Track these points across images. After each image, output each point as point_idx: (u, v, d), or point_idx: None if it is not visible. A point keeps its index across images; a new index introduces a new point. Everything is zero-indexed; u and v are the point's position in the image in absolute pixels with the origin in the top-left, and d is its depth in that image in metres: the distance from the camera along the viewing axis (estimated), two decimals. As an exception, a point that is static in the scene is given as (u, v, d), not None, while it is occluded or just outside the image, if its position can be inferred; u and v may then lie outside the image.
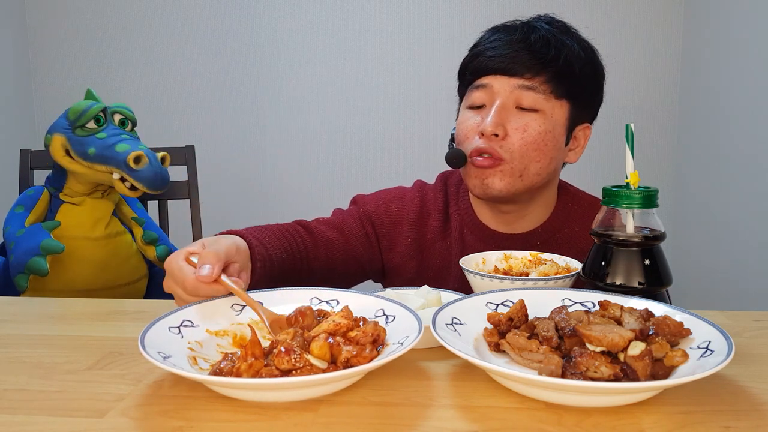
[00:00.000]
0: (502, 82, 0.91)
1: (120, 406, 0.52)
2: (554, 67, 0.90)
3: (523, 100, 0.90)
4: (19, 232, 1.07)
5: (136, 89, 2.47)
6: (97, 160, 1.06)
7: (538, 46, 0.90)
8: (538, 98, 0.90)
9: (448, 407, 0.52)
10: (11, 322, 0.77)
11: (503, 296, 0.67)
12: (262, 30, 2.43)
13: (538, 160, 0.92)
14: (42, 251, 1.02)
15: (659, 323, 0.57)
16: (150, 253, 1.17)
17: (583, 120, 0.97)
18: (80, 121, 1.08)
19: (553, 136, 0.92)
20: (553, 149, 0.93)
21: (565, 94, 0.92)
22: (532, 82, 0.90)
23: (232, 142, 2.50)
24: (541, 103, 0.91)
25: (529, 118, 0.91)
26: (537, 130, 0.90)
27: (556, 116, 0.92)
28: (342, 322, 0.58)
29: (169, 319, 0.61)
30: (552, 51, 0.90)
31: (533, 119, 0.91)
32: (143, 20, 2.46)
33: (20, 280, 1.03)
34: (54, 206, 1.13)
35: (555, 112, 0.92)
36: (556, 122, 0.92)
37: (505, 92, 0.91)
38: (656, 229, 0.67)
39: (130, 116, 1.15)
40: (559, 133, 0.93)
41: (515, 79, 0.91)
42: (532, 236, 1.00)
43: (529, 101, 0.90)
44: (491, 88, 0.92)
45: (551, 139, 0.92)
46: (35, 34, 2.52)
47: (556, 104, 0.92)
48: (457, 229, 1.02)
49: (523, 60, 0.90)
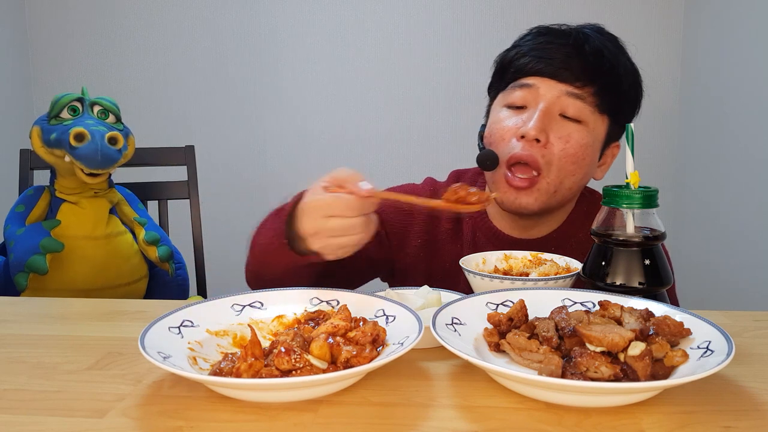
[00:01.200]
0: (549, 86, 0.87)
1: (120, 406, 0.52)
2: (605, 80, 0.87)
3: (569, 109, 0.87)
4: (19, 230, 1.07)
5: (136, 89, 2.47)
6: (54, 144, 1.04)
7: (592, 55, 0.86)
8: (584, 109, 0.87)
9: (448, 407, 0.52)
10: (11, 322, 0.77)
11: (503, 296, 0.67)
12: (262, 30, 2.43)
13: (574, 173, 0.88)
14: (42, 250, 1.02)
15: (659, 323, 0.57)
16: (152, 253, 1.17)
17: (616, 138, 0.95)
18: (53, 111, 1.08)
19: (592, 150, 0.89)
20: (590, 164, 0.90)
21: (608, 110, 0.89)
22: (581, 91, 0.86)
23: (232, 142, 2.50)
24: (586, 115, 0.87)
25: (572, 128, 0.87)
26: (579, 143, 0.86)
27: (598, 131, 0.89)
28: (340, 324, 0.58)
29: (169, 319, 0.61)
30: (606, 63, 0.87)
31: (576, 130, 0.87)
32: (143, 20, 2.46)
33: (20, 278, 1.03)
34: (54, 205, 1.13)
35: (597, 126, 0.89)
36: (596, 137, 0.89)
37: (552, 97, 0.87)
38: (656, 229, 0.67)
39: (110, 107, 1.12)
40: (597, 149, 0.91)
41: (564, 85, 0.86)
42: (546, 241, 0.97)
43: (575, 111, 0.86)
44: (537, 89, 0.88)
45: (590, 153, 0.88)
46: (35, 34, 2.52)
47: (599, 118, 0.89)
48: (470, 232, 0.99)
49: (575, 67, 0.86)
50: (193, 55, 2.46)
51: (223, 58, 2.45)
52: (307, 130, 2.46)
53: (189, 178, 1.50)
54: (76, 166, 1.05)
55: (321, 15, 2.40)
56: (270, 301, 0.69)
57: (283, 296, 0.70)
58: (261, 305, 0.68)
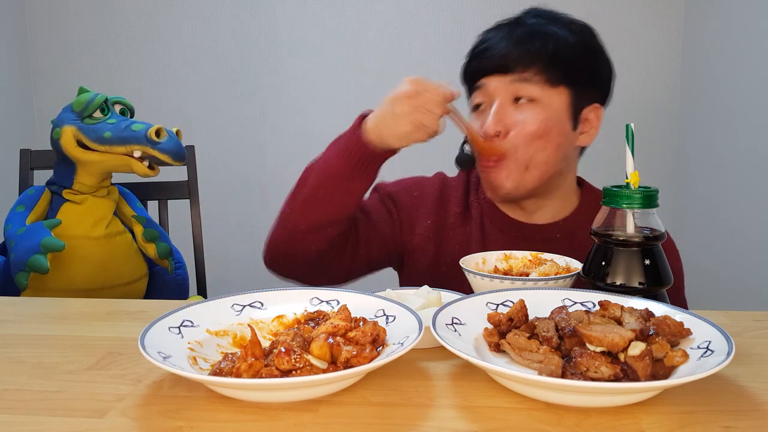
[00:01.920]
0: (497, 81, 0.94)
1: (120, 406, 0.52)
2: (544, 57, 0.92)
3: (520, 92, 0.93)
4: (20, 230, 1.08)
5: (136, 89, 2.47)
6: (115, 142, 1.07)
7: (524, 40, 0.93)
8: (533, 89, 0.92)
9: (448, 407, 0.52)
10: (11, 322, 0.77)
11: (503, 296, 0.67)
12: (262, 30, 2.43)
13: (543, 148, 0.93)
14: (43, 249, 1.02)
15: (659, 323, 0.57)
16: (150, 250, 1.17)
17: (591, 101, 0.97)
18: (87, 111, 1.10)
19: (555, 122, 0.93)
20: (558, 136, 0.94)
21: (560, 81, 0.93)
22: (523, 75, 0.92)
23: (232, 142, 2.50)
24: (538, 93, 0.93)
25: (527, 111, 0.93)
26: (536, 120, 0.92)
27: (555, 103, 0.94)
28: (340, 324, 0.58)
29: (169, 319, 0.61)
30: (538, 42, 0.92)
31: (532, 111, 0.92)
32: (143, 20, 2.46)
33: (21, 277, 1.03)
34: (55, 205, 1.14)
35: (554, 100, 0.93)
36: (556, 109, 0.94)
37: (501, 90, 0.94)
38: (656, 229, 0.67)
39: (129, 106, 1.17)
40: (561, 119, 0.94)
41: (508, 75, 0.93)
42: (552, 228, 1.00)
43: (526, 92, 0.93)
44: (487, 87, 0.96)
45: (554, 125, 0.93)
46: (35, 35, 2.52)
47: (553, 92, 0.93)
48: (478, 218, 1.03)
49: (512, 56, 0.92)
50: (194, 55, 2.46)
51: (223, 58, 2.45)
52: (307, 130, 2.46)
53: (189, 178, 1.50)
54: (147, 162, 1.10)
55: (321, 15, 2.40)
56: (270, 301, 0.68)
57: (283, 296, 0.70)
58: (261, 305, 0.68)
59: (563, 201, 1.02)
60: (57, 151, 1.11)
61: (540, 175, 0.95)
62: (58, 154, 1.12)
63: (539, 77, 0.92)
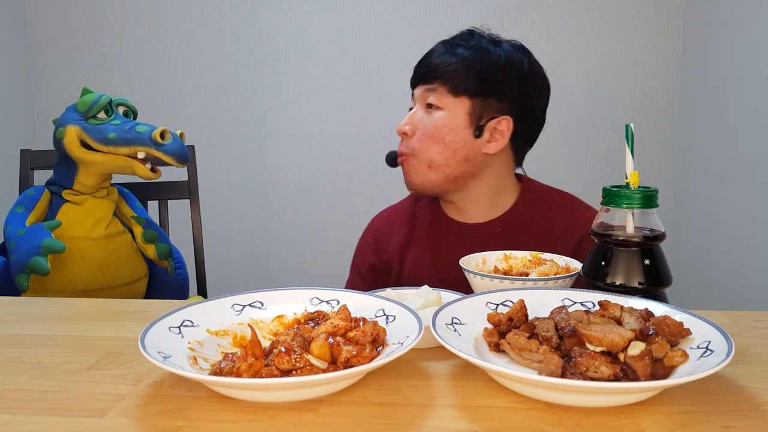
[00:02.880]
0: (419, 89, 1.08)
1: (120, 406, 0.52)
2: (449, 71, 1.04)
3: (429, 100, 1.06)
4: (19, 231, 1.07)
5: (136, 89, 2.48)
6: (119, 143, 1.08)
7: (440, 55, 1.06)
8: (438, 97, 1.05)
9: (448, 407, 0.52)
10: (11, 322, 0.77)
11: (503, 296, 0.67)
12: (262, 30, 2.43)
13: (440, 151, 1.04)
14: (43, 251, 1.02)
15: (659, 323, 0.57)
16: (150, 251, 1.17)
17: (500, 113, 1.05)
18: (92, 111, 1.10)
19: (450, 128, 1.04)
20: (454, 141, 1.04)
21: (461, 92, 1.04)
22: (434, 85, 1.05)
23: (232, 142, 2.50)
24: (442, 101, 1.04)
25: (431, 116, 1.05)
26: (434, 125, 1.04)
27: (456, 111, 1.04)
28: (340, 324, 0.58)
29: (170, 319, 0.61)
30: (448, 58, 1.05)
31: (434, 116, 1.05)
32: (143, 20, 2.46)
33: (21, 279, 1.03)
34: (54, 206, 1.13)
35: (455, 108, 1.04)
36: (455, 116, 1.04)
37: (419, 96, 1.08)
38: (656, 229, 0.67)
39: (132, 108, 1.18)
40: (460, 126, 1.04)
41: (423, 85, 1.07)
42: (492, 224, 1.09)
43: (432, 100, 1.05)
44: (414, 95, 1.10)
45: (449, 131, 1.04)
46: (35, 34, 2.52)
47: (456, 101, 1.04)
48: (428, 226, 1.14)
49: (430, 68, 1.07)
50: (194, 55, 2.47)
51: (223, 58, 2.45)
52: (307, 130, 2.46)
53: (189, 178, 1.50)
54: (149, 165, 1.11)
55: (321, 15, 2.40)
56: (270, 301, 0.69)
57: (283, 296, 0.70)
58: (261, 305, 0.68)
59: (495, 198, 1.10)
60: (59, 150, 1.11)
61: (444, 175, 1.05)
62: (60, 153, 1.12)
63: (444, 87, 1.04)
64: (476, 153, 1.05)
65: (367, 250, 1.18)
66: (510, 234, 1.06)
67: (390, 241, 1.15)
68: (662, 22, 2.27)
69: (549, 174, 1.22)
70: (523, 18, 2.29)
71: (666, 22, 2.27)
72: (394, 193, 2.59)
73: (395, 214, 1.19)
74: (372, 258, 1.16)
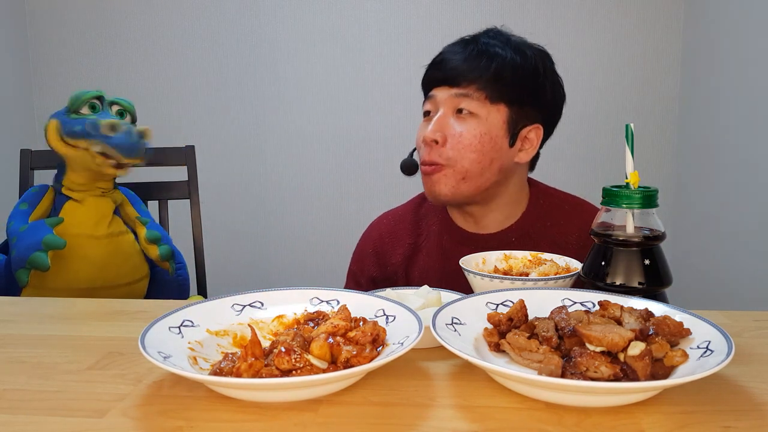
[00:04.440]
0: (443, 92, 1.01)
1: (120, 406, 0.52)
2: (486, 76, 0.97)
3: (462, 105, 0.99)
4: (22, 227, 1.08)
5: (136, 89, 2.48)
6: (79, 135, 1.07)
7: (472, 57, 0.99)
8: (472, 104, 0.98)
9: (448, 407, 0.52)
10: (11, 322, 0.77)
11: (503, 296, 0.67)
12: (262, 30, 2.43)
13: (478, 161, 0.98)
14: (44, 246, 1.03)
15: (659, 323, 0.57)
16: (152, 252, 1.17)
17: (532, 121, 1.01)
18: (75, 105, 1.10)
19: (489, 138, 0.98)
20: (492, 150, 0.99)
21: (499, 99, 0.98)
22: (467, 90, 0.98)
23: (232, 142, 2.50)
24: (477, 108, 0.98)
25: (466, 124, 0.98)
26: (472, 134, 0.98)
27: (492, 119, 0.99)
28: (340, 323, 0.58)
29: (170, 319, 0.61)
30: (483, 61, 0.98)
31: (469, 124, 0.98)
32: (143, 21, 2.46)
33: (21, 274, 1.04)
34: (58, 204, 1.14)
35: (491, 116, 0.98)
36: (493, 125, 0.98)
37: (445, 101, 1.00)
38: (656, 229, 0.67)
39: (128, 107, 1.16)
40: (497, 135, 0.99)
41: (453, 88, 0.99)
42: (506, 233, 1.05)
43: (466, 106, 0.98)
44: (435, 97, 1.02)
45: (488, 141, 0.98)
46: (35, 34, 2.52)
47: (492, 109, 0.98)
48: (436, 236, 1.09)
49: (458, 71, 0.99)
50: (193, 55, 2.47)
51: (223, 58, 2.45)
52: (307, 130, 2.46)
53: (189, 178, 1.50)
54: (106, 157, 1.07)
55: (321, 15, 2.40)
56: (270, 301, 0.69)
57: (283, 296, 0.70)
58: (261, 305, 0.68)
59: (510, 207, 1.06)
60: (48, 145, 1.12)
61: (476, 186, 1.00)
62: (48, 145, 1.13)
63: (480, 93, 0.98)
64: (509, 162, 1.01)
65: (368, 261, 1.13)
66: (525, 244, 1.02)
67: (393, 253, 1.11)
68: (662, 22, 2.27)
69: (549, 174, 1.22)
70: (523, 18, 2.29)
71: (666, 22, 2.27)
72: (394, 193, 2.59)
73: (396, 223, 1.14)
74: (373, 270, 1.12)
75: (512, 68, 0.98)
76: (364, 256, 1.14)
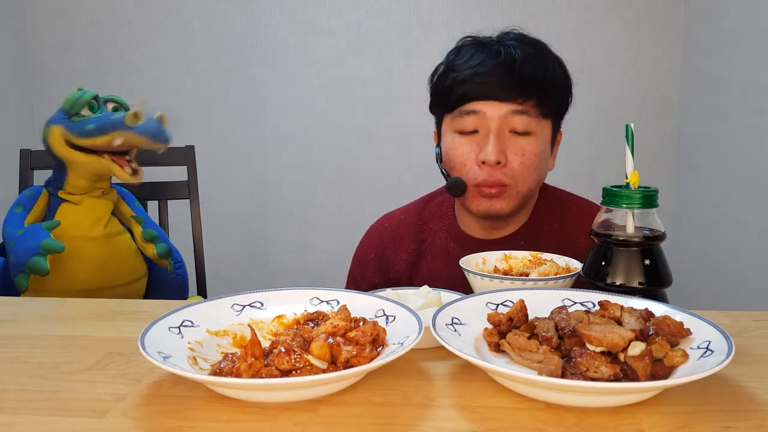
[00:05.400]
0: (494, 109, 0.92)
1: (120, 406, 0.52)
2: (542, 90, 0.93)
3: (517, 125, 0.93)
4: (18, 231, 1.07)
5: (136, 89, 2.47)
6: (96, 132, 1.06)
7: (525, 71, 0.91)
8: (530, 122, 0.93)
9: (448, 407, 0.52)
10: (11, 322, 0.77)
11: (503, 296, 0.67)
12: (262, 30, 2.43)
13: (538, 180, 0.98)
14: (42, 251, 1.02)
15: (659, 323, 0.57)
16: (150, 250, 1.17)
17: (558, 127, 1.02)
18: (74, 108, 1.09)
19: (545, 155, 0.98)
20: (545, 167, 1.00)
21: (549, 114, 0.96)
22: (523, 107, 0.92)
23: (232, 142, 2.50)
24: (533, 126, 0.94)
25: (524, 141, 0.94)
26: (534, 153, 0.94)
27: (545, 135, 0.97)
28: (339, 324, 0.58)
29: (169, 319, 0.61)
30: (538, 75, 0.92)
31: (528, 142, 0.94)
32: (143, 20, 2.46)
33: (21, 279, 1.03)
34: (53, 206, 1.13)
35: (544, 131, 0.96)
36: (545, 140, 0.97)
37: (499, 118, 0.93)
38: (656, 229, 0.67)
39: (122, 103, 1.15)
40: (546, 150, 0.99)
41: (507, 104, 0.92)
42: (515, 237, 1.03)
43: (522, 125, 0.93)
44: (484, 114, 0.93)
45: (544, 158, 0.98)
46: (35, 34, 2.52)
47: (545, 124, 0.96)
48: (442, 242, 1.06)
49: (512, 86, 0.91)
50: (193, 55, 2.46)
51: (223, 58, 2.45)
52: (308, 130, 2.46)
53: (189, 178, 1.50)
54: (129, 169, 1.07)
55: (321, 15, 2.40)
56: (270, 301, 0.68)
57: (283, 296, 0.70)
58: (261, 305, 0.68)
59: (524, 212, 1.06)
60: (48, 151, 1.11)
61: (529, 199, 1.01)
62: (50, 154, 1.12)
63: (535, 110, 0.93)
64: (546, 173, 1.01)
65: (369, 267, 1.10)
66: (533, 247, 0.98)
67: (396, 260, 1.08)
68: (662, 22, 2.27)
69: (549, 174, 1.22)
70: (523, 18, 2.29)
71: (666, 22, 2.27)
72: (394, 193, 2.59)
73: (399, 227, 1.10)
74: (375, 277, 1.09)
75: (560, 80, 0.95)
76: (365, 261, 1.11)
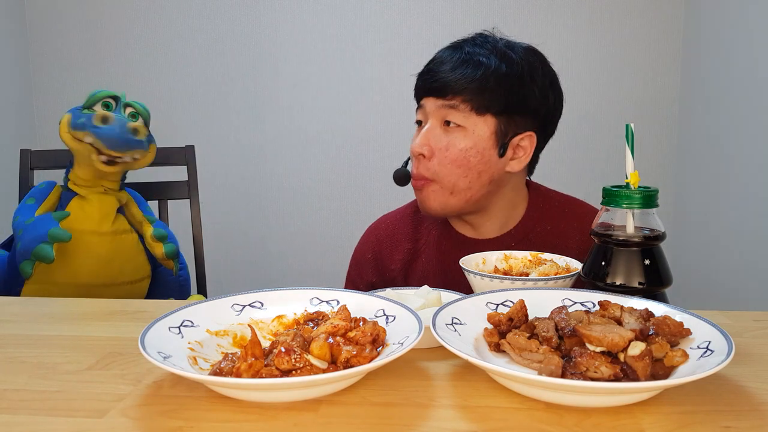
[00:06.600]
0: (431, 103, 0.98)
1: (120, 406, 0.52)
2: (471, 87, 0.94)
3: (449, 117, 0.97)
4: (28, 220, 1.10)
5: (137, 89, 2.48)
6: (78, 126, 1.08)
7: (457, 67, 0.96)
8: (459, 116, 0.96)
9: (448, 407, 0.52)
10: (11, 322, 0.77)
11: (503, 296, 0.67)
12: (262, 30, 2.43)
13: (464, 175, 0.97)
14: (49, 238, 1.04)
15: (659, 323, 0.57)
16: (158, 250, 1.17)
17: (523, 129, 0.98)
18: (89, 102, 1.12)
19: (476, 151, 0.96)
20: (479, 163, 0.97)
21: (486, 110, 0.95)
22: (453, 101, 0.95)
23: (232, 142, 2.50)
24: (464, 121, 0.96)
25: (452, 136, 0.96)
26: (458, 148, 0.96)
27: (479, 131, 0.96)
28: (339, 324, 0.58)
29: (170, 319, 0.61)
30: (468, 71, 0.95)
31: (456, 137, 0.96)
32: (143, 20, 2.46)
33: (26, 266, 1.05)
34: (64, 200, 1.16)
35: (478, 128, 0.96)
36: (480, 137, 0.96)
37: (434, 112, 0.98)
38: (656, 229, 0.67)
39: (142, 111, 1.18)
40: (485, 147, 0.97)
41: (440, 99, 0.97)
42: (505, 238, 1.04)
43: (453, 118, 0.96)
44: (424, 108, 1.00)
45: (474, 154, 0.96)
46: (35, 34, 2.52)
47: (479, 120, 0.96)
48: (436, 241, 1.08)
49: (444, 81, 0.96)
50: (193, 55, 2.47)
51: (223, 58, 2.45)
52: (307, 131, 2.46)
53: (189, 178, 1.50)
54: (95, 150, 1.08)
55: (321, 15, 2.40)
56: (270, 301, 0.68)
57: (283, 296, 0.70)
58: (261, 305, 0.68)
59: (508, 212, 1.05)
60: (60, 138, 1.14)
61: (465, 200, 0.99)
62: None
63: (465, 105, 0.95)
64: (500, 173, 0.99)
65: (366, 267, 1.12)
66: (525, 247, 1.01)
67: (392, 259, 1.09)
68: (662, 22, 2.27)
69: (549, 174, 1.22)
70: (523, 17, 2.29)
71: (666, 22, 2.27)
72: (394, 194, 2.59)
73: (395, 227, 1.12)
74: (372, 276, 1.11)
75: (497, 78, 0.94)
76: (362, 262, 1.12)
